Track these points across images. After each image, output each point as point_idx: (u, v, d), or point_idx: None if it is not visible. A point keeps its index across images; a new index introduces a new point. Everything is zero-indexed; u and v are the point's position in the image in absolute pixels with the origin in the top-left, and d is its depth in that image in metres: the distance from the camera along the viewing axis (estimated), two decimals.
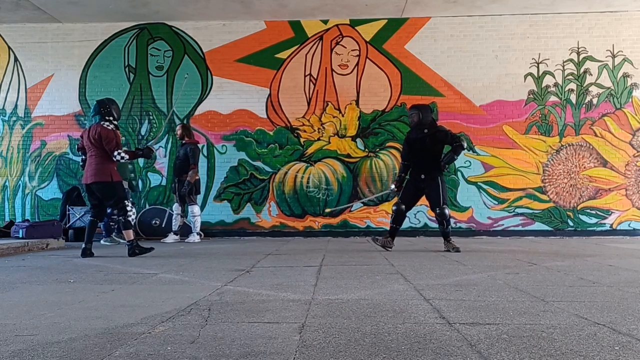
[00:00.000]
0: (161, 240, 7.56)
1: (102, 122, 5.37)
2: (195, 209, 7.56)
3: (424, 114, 5.84)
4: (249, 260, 4.90)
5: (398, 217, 5.90)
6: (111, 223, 7.51)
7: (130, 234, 5.39)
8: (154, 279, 3.70)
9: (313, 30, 8.85)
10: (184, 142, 7.60)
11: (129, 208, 5.38)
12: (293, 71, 8.82)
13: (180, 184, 7.55)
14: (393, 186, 6.17)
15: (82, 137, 5.56)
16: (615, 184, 8.49)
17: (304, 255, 5.33)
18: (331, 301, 2.73)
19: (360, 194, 8.65)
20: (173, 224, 7.71)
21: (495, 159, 8.56)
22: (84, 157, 5.63)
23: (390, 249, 5.85)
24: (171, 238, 7.58)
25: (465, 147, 5.79)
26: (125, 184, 7.55)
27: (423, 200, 8.47)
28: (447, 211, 5.74)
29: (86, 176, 5.39)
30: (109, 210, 7.27)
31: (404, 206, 5.86)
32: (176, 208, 7.69)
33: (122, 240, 7.45)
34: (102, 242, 7.37)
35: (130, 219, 5.38)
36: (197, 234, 7.60)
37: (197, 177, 7.53)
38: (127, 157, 5.39)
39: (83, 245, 5.41)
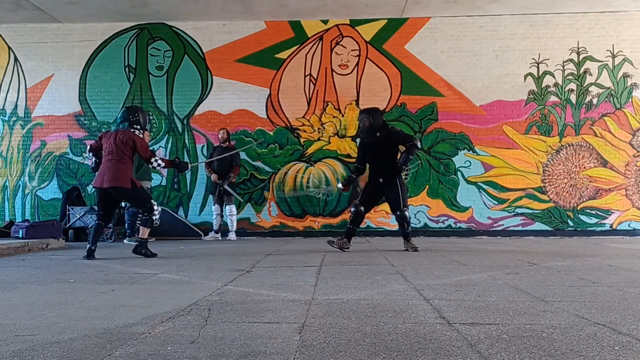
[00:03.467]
0: (202, 238, 8.16)
1: (132, 129, 5.30)
2: (234, 208, 8.04)
3: (375, 118, 5.78)
4: (249, 260, 4.90)
5: (356, 218, 5.84)
6: (138, 222, 7.54)
7: (146, 232, 5.35)
8: (154, 279, 3.70)
9: (313, 30, 8.85)
10: (225, 145, 7.93)
11: (155, 208, 5.35)
12: (293, 71, 8.82)
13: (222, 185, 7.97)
14: (340, 185, 6.16)
15: (100, 138, 5.43)
16: (615, 184, 8.49)
17: (304, 255, 5.33)
18: (331, 301, 2.73)
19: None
20: (214, 223, 8.13)
21: (495, 159, 8.56)
22: (96, 159, 5.44)
23: (347, 250, 5.74)
24: (211, 236, 8.07)
25: (419, 146, 5.77)
26: (148, 184, 7.67)
27: (423, 200, 8.58)
28: (407, 214, 5.76)
29: (102, 179, 5.22)
30: (133, 210, 7.34)
31: (362, 207, 5.80)
32: (216, 209, 8.05)
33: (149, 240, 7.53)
34: (125, 241, 7.46)
35: (154, 218, 5.35)
36: (234, 232, 8.04)
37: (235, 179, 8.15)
38: (163, 164, 5.38)
39: (88, 246, 5.24)
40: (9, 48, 9.05)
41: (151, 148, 5.74)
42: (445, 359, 1.71)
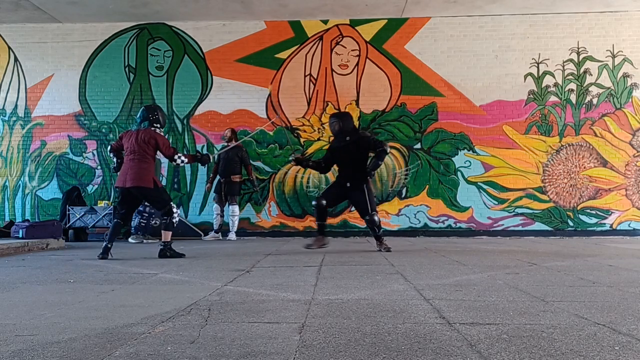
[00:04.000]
0: (202, 238, 8.13)
1: (153, 128, 5.29)
2: (237, 209, 7.98)
3: (345, 122, 5.77)
4: (249, 260, 4.90)
5: (320, 213, 5.76)
6: (142, 221, 7.55)
7: (168, 236, 5.31)
8: (154, 279, 3.70)
9: (313, 30, 8.85)
10: (230, 144, 7.89)
11: (174, 210, 5.34)
12: (293, 71, 8.82)
13: (227, 185, 7.94)
14: (293, 156, 6.02)
15: (121, 138, 5.42)
16: (615, 184, 8.49)
17: (304, 255, 5.33)
18: (331, 301, 2.73)
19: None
20: (214, 222, 8.12)
21: (495, 159, 8.56)
22: (117, 159, 5.43)
23: (327, 246, 5.70)
24: (211, 235, 8.05)
25: (388, 151, 5.75)
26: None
27: (423, 200, 8.57)
28: (376, 218, 5.72)
29: (124, 179, 5.21)
30: (140, 208, 7.35)
31: (324, 201, 5.71)
32: (216, 209, 8.04)
33: (147, 241, 7.55)
34: (130, 240, 7.49)
35: (175, 220, 5.35)
36: (235, 232, 8.00)
37: (240, 179, 8.04)
38: (186, 160, 5.39)
39: (104, 244, 5.23)
40: (9, 48, 9.05)
41: (173, 146, 5.73)
42: (445, 359, 1.71)
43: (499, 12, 8.59)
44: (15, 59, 9.04)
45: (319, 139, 8.71)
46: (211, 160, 5.87)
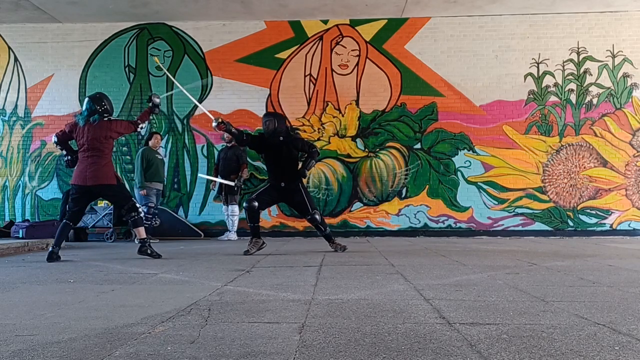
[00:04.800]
0: (218, 238, 8.09)
1: (104, 119, 5.15)
2: (236, 208, 7.97)
3: (279, 122, 5.78)
4: (249, 260, 4.90)
5: (252, 215, 5.64)
6: (147, 222, 7.55)
7: (142, 232, 5.27)
8: (154, 279, 3.70)
9: (313, 30, 8.85)
10: (230, 145, 7.90)
11: (138, 205, 5.33)
12: (293, 71, 8.82)
13: (227, 185, 7.88)
14: (214, 123, 5.64)
15: (70, 131, 5.20)
16: (615, 184, 8.49)
17: (304, 255, 5.33)
18: (331, 301, 2.73)
19: (360, 194, 8.66)
20: (227, 223, 8.13)
21: (495, 159, 8.56)
22: (69, 154, 5.23)
23: (264, 247, 5.66)
24: (226, 236, 8.05)
25: (318, 152, 5.90)
26: (160, 186, 7.67)
27: (423, 200, 8.57)
28: (317, 216, 5.75)
29: (83, 177, 5.05)
30: (144, 209, 7.35)
31: (256, 203, 5.63)
32: (225, 209, 8.07)
33: (150, 241, 7.53)
34: (135, 241, 7.48)
35: (142, 216, 5.34)
36: (234, 232, 7.99)
37: (246, 177, 8.10)
38: (146, 123, 5.37)
39: (50, 249, 5.04)
40: (9, 48, 9.05)
41: (122, 140, 5.57)
42: (445, 359, 1.71)
43: (499, 12, 8.59)
44: (15, 59, 9.04)
45: (319, 139, 8.70)
46: (159, 100, 5.50)
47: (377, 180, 8.65)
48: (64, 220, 5.24)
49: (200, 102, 8.85)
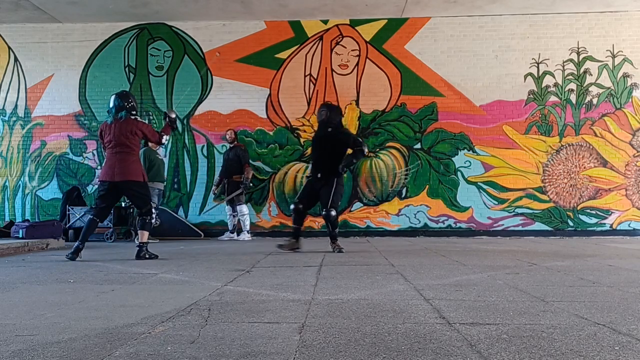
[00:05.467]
0: (218, 238, 8.07)
1: (131, 117, 5.15)
2: (244, 208, 7.95)
3: (332, 114, 5.73)
4: (249, 260, 4.90)
5: (297, 217, 5.74)
6: (138, 226, 7.54)
7: (145, 236, 5.25)
8: (154, 279, 3.70)
9: (313, 30, 8.85)
10: (233, 145, 7.97)
11: (154, 210, 5.32)
12: (293, 71, 8.82)
13: (229, 185, 7.94)
14: (171, 115, 5.60)
15: (101, 133, 5.24)
16: (615, 184, 8.49)
17: (304, 255, 5.33)
18: (331, 301, 2.73)
19: (360, 194, 8.66)
20: (228, 223, 8.17)
21: (495, 159, 8.56)
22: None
23: (298, 250, 5.69)
24: (226, 236, 8.08)
25: (366, 153, 5.71)
26: (161, 186, 7.69)
27: (423, 200, 8.57)
28: (332, 213, 5.63)
29: (112, 173, 5.03)
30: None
31: (301, 205, 5.70)
32: (228, 209, 8.10)
33: (150, 241, 7.53)
34: (135, 241, 7.48)
35: (154, 220, 5.34)
36: (247, 232, 7.96)
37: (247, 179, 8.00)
38: (168, 136, 5.40)
39: (77, 244, 5.07)
40: (9, 48, 9.05)
41: (157, 133, 5.55)
42: (445, 359, 1.71)
43: (499, 12, 8.59)
44: (15, 59, 9.04)
45: None
46: (174, 115, 5.59)
47: (377, 180, 8.65)
48: (90, 216, 5.23)
49: (200, 102, 8.87)
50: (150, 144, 7.74)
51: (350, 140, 5.68)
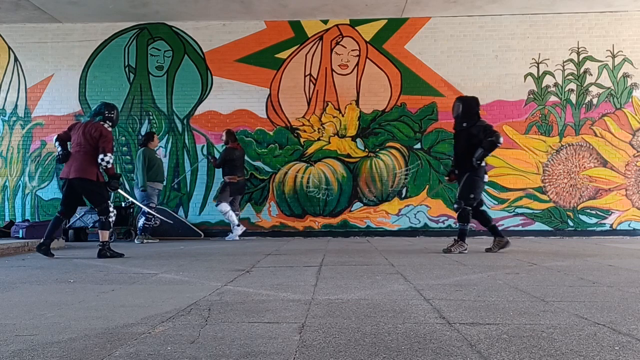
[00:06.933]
0: (225, 238, 7.99)
1: (103, 123, 5.32)
2: (222, 206, 7.88)
3: (465, 107, 5.55)
4: (249, 260, 4.90)
5: (476, 216, 5.65)
6: (147, 223, 7.55)
7: (105, 235, 5.33)
8: (154, 279, 3.70)
9: (313, 30, 8.85)
10: (227, 146, 7.98)
11: (111, 209, 5.33)
12: (293, 71, 8.82)
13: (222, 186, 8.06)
14: (446, 177, 5.99)
15: (69, 129, 5.42)
16: (615, 184, 8.49)
17: (304, 255, 5.33)
18: (331, 301, 2.73)
19: (360, 194, 8.66)
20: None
21: (495, 159, 8.55)
22: (62, 150, 5.35)
23: (465, 252, 5.52)
24: (233, 234, 7.98)
25: (498, 143, 5.39)
26: (161, 186, 7.70)
27: (423, 200, 8.57)
28: (458, 207, 5.47)
29: (68, 170, 5.26)
30: (147, 210, 7.36)
31: (469, 207, 5.55)
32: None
33: (150, 241, 7.56)
34: (136, 241, 7.50)
35: (111, 220, 5.33)
36: (236, 226, 7.90)
37: (230, 180, 7.88)
38: (110, 166, 5.28)
39: (41, 240, 5.30)
40: (9, 48, 9.05)
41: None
42: (445, 359, 1.71)
43: (499, 12, 8.59)
44: (15, 59, 9.04)
45: (319, 139, 8.71)
46: (117, 189, 5.53)
47: (377, 180, 8.65)
48: (57, 214, 5.44)
49: (200, 102, 8.87)
50: (150, 143, 7.76)
51: (481, 133, 5.46)
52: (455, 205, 5.58)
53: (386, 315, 2.36)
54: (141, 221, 7.58)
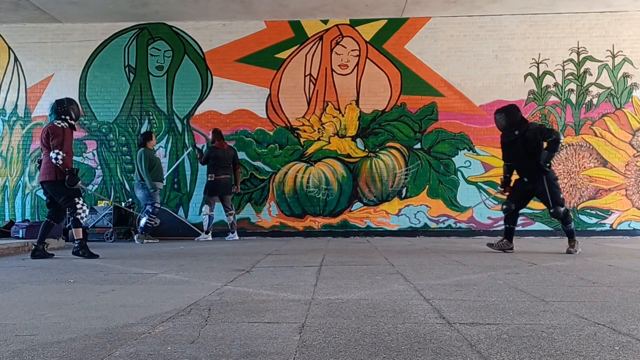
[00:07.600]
0: (226, 238, 8.03)
1: (54, 121, 5.29)
2: (204, 208, 8.05)
3: (510, 116, 5.55)
4: (249, 260, 4.90)
5: (510, 217, 5.74)
6: (149, 223, 7.55)
7: (79, 233, 5.31)
8: (154, 279, 3.70)
9: (313, 30, 8.85)
10: (212, 146, 8.02)
11: (79, 206, 5.25)
12: (293, 71, 8.82)
13: None
14: (500, 188, 6.02)
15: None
16: (615, 184, 8.49)
17: (304, 255, 5.33)
18: (331, 301, 2.73)
19: (360, 194, 8.66)
20: (228, 225, 8.14)
21: (496, 159, 8.55)
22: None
23: (510, 251, 5.68)
24: (229, 237, 8.05)
25: (560, 139, 5.35)
26: (160, 185, 7.69)
27: (423, 200, 8.57)
28: (559, 210, 5.41)
29: (39, 175, 5.41)
30: (149, 209, 7.36)
31: (513, 205, 5.67)
32: (224, 210, 8.15)
33: (150, 241, 7.56)
34: (135, 241, 7.50)
35: (79, 217, 5.27)
36: (205, 232, 8.01)
37: (210, 177, 7.97)
38: (61, 162, 5.13)
39: (35, 245, 5.31)
40: (9, 48, 9.05)
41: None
42: (445, 359, 1.71)
43: (499, 12, 8.59)
44: (15, 59, 9.04)
45: (319, 139, 8.71)
46: (79, 183, 5.38)
47: (377, 180, 8.65)
48: (45, 218, 5.53)
49: (200, 102, 8.87)
50: (149, 143, 7.75)
51: (538, 135, 5.42)
52: (554, 210, 5.44)
53: (386, 315, 2.36)
54: (143, 220, 7.57)
